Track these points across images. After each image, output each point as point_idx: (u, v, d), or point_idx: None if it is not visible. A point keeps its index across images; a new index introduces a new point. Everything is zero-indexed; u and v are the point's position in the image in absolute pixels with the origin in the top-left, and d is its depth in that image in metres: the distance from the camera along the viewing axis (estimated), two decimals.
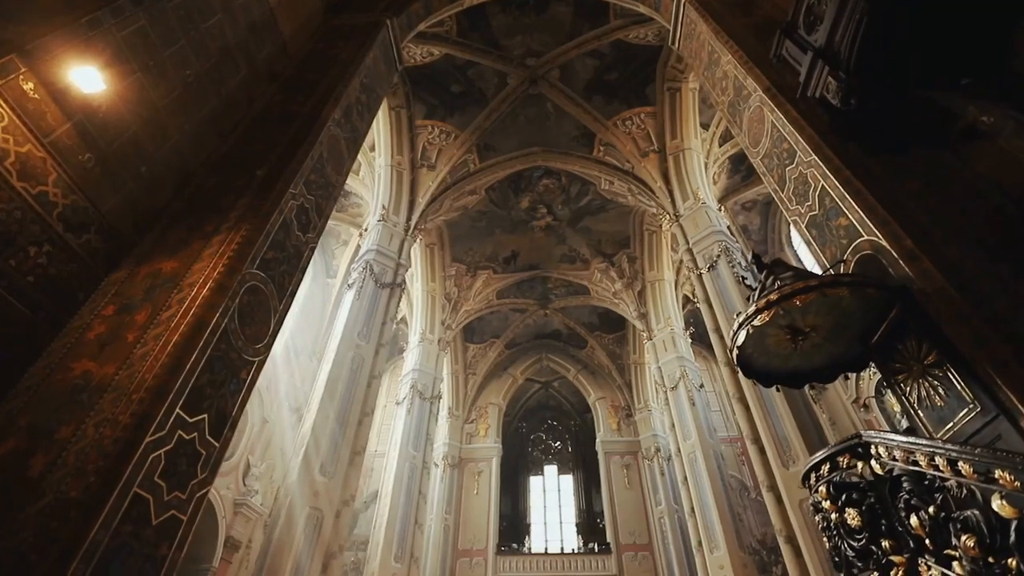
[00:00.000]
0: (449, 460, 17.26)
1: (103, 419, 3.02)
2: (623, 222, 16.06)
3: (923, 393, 3.37)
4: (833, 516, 2.95)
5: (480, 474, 17.41)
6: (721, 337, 9.81)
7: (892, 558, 2.58)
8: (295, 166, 5.02)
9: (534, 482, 21.03)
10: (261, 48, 6.26)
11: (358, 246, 12.98)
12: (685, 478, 12.62)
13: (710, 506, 11.61)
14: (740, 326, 3.86)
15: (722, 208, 13.91)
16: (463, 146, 13.70)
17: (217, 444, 3.63)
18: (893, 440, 2.71)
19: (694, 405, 13.15)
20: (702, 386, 14.01)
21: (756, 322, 3.72)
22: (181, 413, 3.30)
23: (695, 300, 18.56)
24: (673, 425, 13.51)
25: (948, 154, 4.23)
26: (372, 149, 13.58)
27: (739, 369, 4.19)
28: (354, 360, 9.68)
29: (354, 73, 6.57)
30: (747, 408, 8.75)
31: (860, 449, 2.93)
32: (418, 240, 15.86)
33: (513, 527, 18.49)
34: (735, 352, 4.00)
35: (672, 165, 12.84)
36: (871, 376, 12.03)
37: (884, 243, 3.73)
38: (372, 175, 13.64)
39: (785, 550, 7.44)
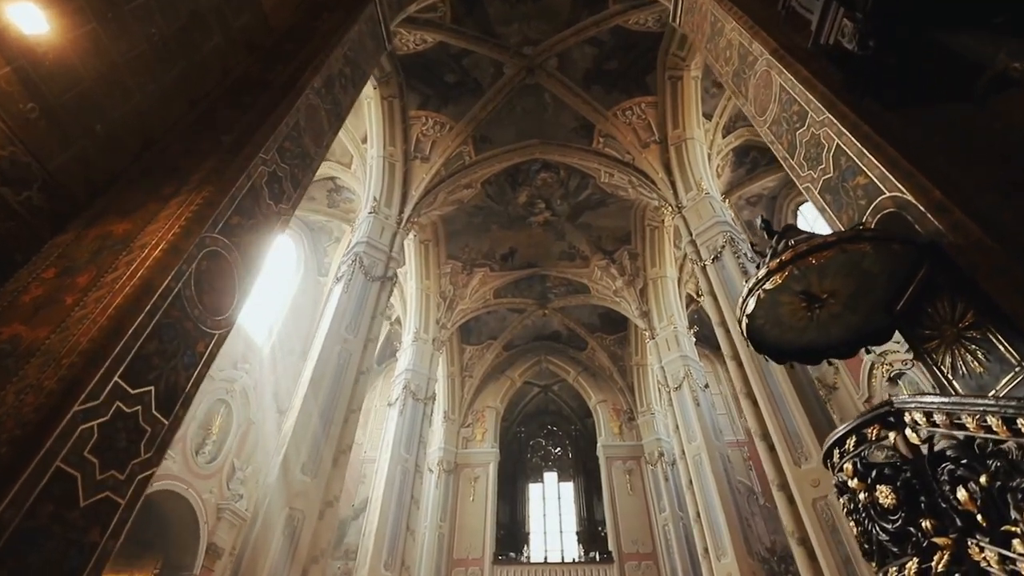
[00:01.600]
0: (444, 465, 16.83)
1: (26, 385, 2.68)
2: (624, 217, 15.75)
3: (959, 360, 3.02)
4: (862, 496, 2.59)
5: (477, 480, 16.97)
6: (727, 331, 9.46)
7: (935, 540, 2.22)
8: (267, 130, 4.72)
9: (533, 489, 20.55)
10: (238, 16, 5.98)
11: (351, 241, 12.68)
12: (690, 482, 12.20)
13: (717, 511, 11.19)
14: (750, 291, 3.52)
15: (726, 202, 13.60)
16: (458, 138, 13.43)
17: (166, 421, 3.28)
18: (932, 403, 2.36)
19: (699, 405, 12.76)
20: (707, 386, 13.63)
21: (768, 285, 3.39)
22: (121, 383, 2.96)
23: (698, 299, 18.28)
24: (677, 427, 13.11)
25: (974, 106, 3.92)
26: (364, 141, 13.32)
27: (749, 342, 3.85)
28: (341, 355, 9.33)
29: (337, 44, 6.29)
30: (755, 403, 8.38)
31: (891, 418, 2.58)
32: (412, 236, 15.60)
33: (511, 536, 18.00)
34: (744, 322, 3.66)
35: (674, 155, 12.55)
36: (884, 373, 11.67)
37: (909, 197, 3.41)
38: (364, 168, 13.36)
39: (798, 553, 7.05)
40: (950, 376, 3.09)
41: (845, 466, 2.74)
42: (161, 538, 11.00)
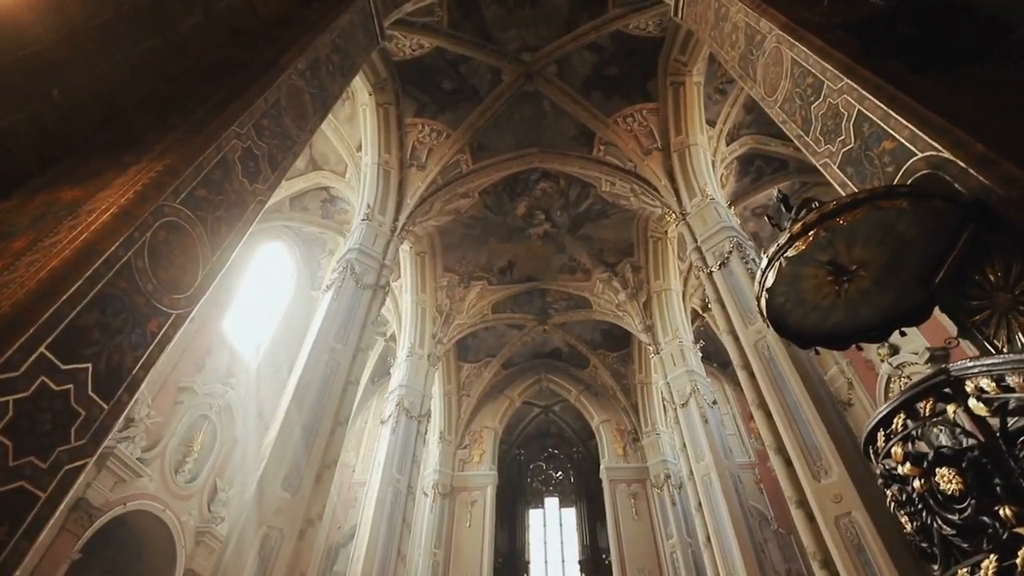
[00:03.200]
0: (440, 489, 16.19)
1: None
2: (626, 229, 15.49)
3: (1016, 330, 2.65)
4: (916, 484, 2.19)
5: (473, 504, 16.29)
6: (736, 339, 9.06)
7: (1018, 531, 1.82)
8: (243, 103, 4.44)
9: (533, 515, 19.80)
10: None
11: (343, 249, 12.38)
12: (699, 504, 11.61)
13: (728, 535, 10.58)
14: (770, 261, 3.16)
15: (731, 210, 13.33)
16: (455, 145, 13.26)
17: (105, 406, 2.89)
18: (1004, 363, 1.98)
19: (707, 422, 12.25)
20: (715, 403, 13.13)
21: (790, 252, 3.03)
22: (49, 355, 2.59)
23: (703, 314, 17.90)
24: (684, 446, 12.57)
25: (1004, 69, 3.65)
26: (359, 149, 13.15)
27: (769, 323, 3.47)
28: (328, 364, 8.92)
29: (325, 28, 6.09)
30: (768, 415, 7.93)
31: (948, 388, 2.20)
32: (409, 248, 15.34)
33: (510, 564, 17.22)
34: (764, 298, 3.29)
35: (677, 162, 12.34)
36: (901, 386, 11.18)
37: (946, 154, 3.08)
38: (359, 177, 13.16)
39: None
40: (1005, 350, 2.72)
41: (893, 450, 2.34)
42: (135, 563, 10.40)
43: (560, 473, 21.30)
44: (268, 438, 7.96)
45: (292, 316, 15.23)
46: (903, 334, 3.49)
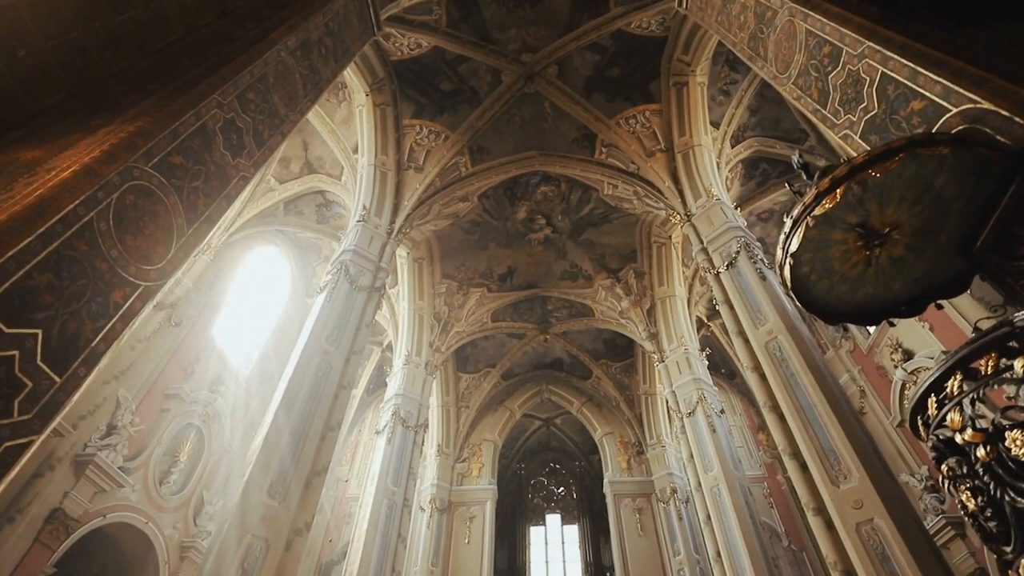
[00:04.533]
0: (437, 503, 15.71)
1: None
2: (628, 234, 15.28)
3: None
4: (981, 452, 1.91)
5: (472, 520, 15.80)
6: (746, 340, 8.78)
7: None
8: (227, 73, 4.25)
9: (534, 533, 19.25)
10: None
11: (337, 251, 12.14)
12: (708, 517, 11.19)
13: (739, 549, 10.17)
14: (795, 223, 2.91)
15: (737, 211, 13.13)
16: (453, 148, 13.11)
17: (57, 379, 2.62)
18: None
19: (715, 432, 11.89)
20: (722, 411, 12.78)
21: (817, 211, 2.79)
22: None
23: (709, 323, 17.61)
24: (691, 456, 12.18)
25: None
26: (356, 151, 13.00)
27: (793, 296, 3.21)
28: (320, 367, 8.62)
29: (317, 10, 5.92)
30: (781, 417, 7.61)
31: (1014, 342, 1.93)
32: (407, 254, 15.12)
33: None
34: (787, 266, 3.03)
35: (681, 163, 12.17)
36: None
37: (986, 105, 2.86)
38: (355, 180, 12.98)
39: None
40: None
41: (949, 417, 2.06)
42: None
43: (562, 489, 20.80)
44: (255, 442, 7.63)
45: (286, 324, 14.94)
46: (939, 307, 3.22)
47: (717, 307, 9.79)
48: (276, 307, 15.11)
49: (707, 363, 14.17)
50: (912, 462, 11.02)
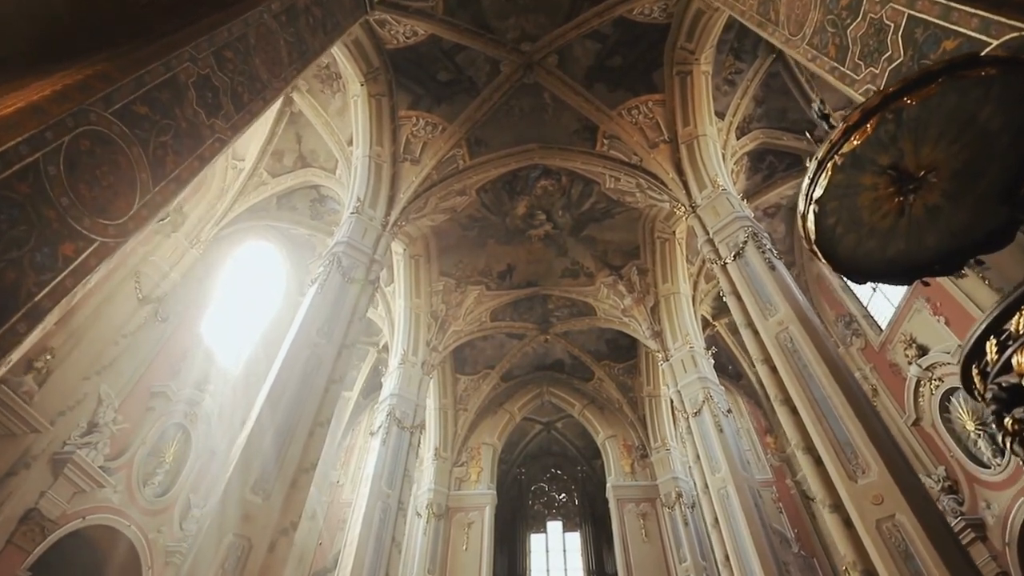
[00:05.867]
0: (434, 509, 15.35)
1: None
2: (631, 229, 15.03)
3: None
4: None
5: (471, 526, 15.42)
6: (755, 332, 8.50)
7: None
8: (203, 28, 4.00)
9: (535, 540, 18.84)
10: None
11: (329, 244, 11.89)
12: (715, 520, 10.85)
13: (749, 553, 9.82)
14: (820, 165, 2.65)
15: (744, 202, 12.89)
16: (451, 140, 12.89)
17: None
18: None
19: (722, 431, 11.57)
20: (729, 411, 12.46)
21: (845, 148, 2.52)
22: None
23: (714, 323, 17.31)
24: (698, 457, 11.85)
25: None
26: (350, 143, 12.78)
27: (818, 251, 2.94)
28: (309, 360, 8.35)
29: None
30: (794, 410, 7.31)
31: None
32: (403, 251, 14.88)
33: None
34: (811, 214, 2.76)
35: (686, 154, 11.95)
36: (932, 390, 10.58)
37: None
38: (349, 173, 12.76)
39: None
40: None
41: (1014, 361, 1.78)
42: None
43: (564, 495, 20.41)
44: (241, 438, 7.34)
45: (279, 323, 14.65)
46: (980, 263, 2.95)
47: (724, 298, 9.52)
48: (268, 305, 14.84)
49: (713, 362, 13.86)
50: (928, 462, 10.69)
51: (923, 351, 10.80)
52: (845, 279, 13.69)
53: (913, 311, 11.11)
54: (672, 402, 13.83)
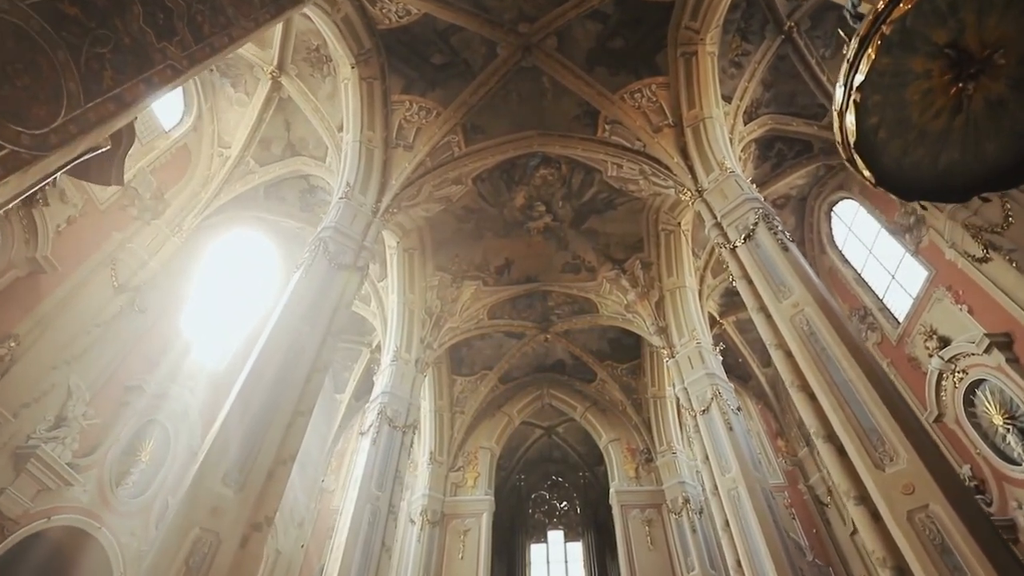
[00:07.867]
0: (429, 515, 14.80)
1: None
2: (634, 221, 14.65)
3: None
4: None
5: (467, 533, 14.87)
6: (768, 316, 8.07)
7: None
8: None
9: (535, 551, 18.26)
10: None
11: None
12: (726, 523, 10.34)
13: (761, 556, 9.31)
14: (862, 43, 2.25)
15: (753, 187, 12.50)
16: (446, 125, 12.55)
17: None
18: None
19: (732, 430, 11.08)
20: (739, 409, 11.97)
21: (895, 14, 2.11)
22: None
23: (721, 321, 16.86)
24: (706, 457, 11.36)
25: None
26: (340, 130, 12.45)
27: (858, 158, 2.52)
28: (292, 347, 7.92)
29: None
30: (812, 396, 6.86)
31: None
32: (396, 244, 14.51)
33: None
34: (851, 107, 2.34)
35: (691, 137, 11.58)
36: (955, 383, 10.12)
37: None
38: (339, 160, 12.41)
39: None
40: None
41: None
42: None
43: (565, 503, 19.84)
44: (214, 427, 6.89)
45: (267, 319, 14.23)
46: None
47: (734, 283, 9.08)
48: (255, 300, 14.42)
49: (721, 359, 13.39)
50: (952, 461, 10.18)
51: (945, 342, 10.34)
52: (859, 272, 13.32)
53: (933, 301, 10.67)
54: (678, 400, 13.35)
